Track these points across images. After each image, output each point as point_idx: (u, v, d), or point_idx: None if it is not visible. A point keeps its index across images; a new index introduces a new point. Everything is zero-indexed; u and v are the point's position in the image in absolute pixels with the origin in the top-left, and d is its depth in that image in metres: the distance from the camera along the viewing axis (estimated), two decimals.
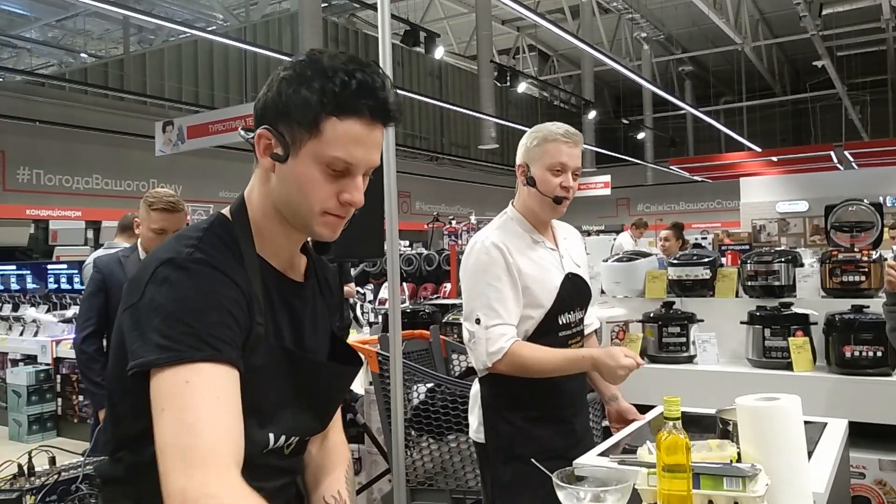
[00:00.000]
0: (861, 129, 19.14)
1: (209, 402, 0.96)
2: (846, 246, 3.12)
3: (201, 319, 1.00)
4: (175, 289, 1.02)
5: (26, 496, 2.12)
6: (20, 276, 7.76)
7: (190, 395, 0.95)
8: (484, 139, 15.06)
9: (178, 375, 0.96)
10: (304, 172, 1.10)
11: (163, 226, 3.01)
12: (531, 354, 1.99)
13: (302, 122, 1.07)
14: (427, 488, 3.07)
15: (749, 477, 1.33)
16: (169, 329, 0.98)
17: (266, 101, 1.10)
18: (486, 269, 2.02)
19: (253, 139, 1.12)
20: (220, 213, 1.16)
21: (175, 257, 1.04)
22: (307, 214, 1.12)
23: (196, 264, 1.04)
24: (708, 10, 12.33)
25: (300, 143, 1.08)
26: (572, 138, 2.07)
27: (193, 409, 0.94)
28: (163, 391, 0.96)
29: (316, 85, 1.06)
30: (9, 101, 11.27)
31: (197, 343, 0.98)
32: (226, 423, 0.96)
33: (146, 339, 0.99)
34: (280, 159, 1.09)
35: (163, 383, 0.96)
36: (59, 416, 6.39)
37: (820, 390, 2.81)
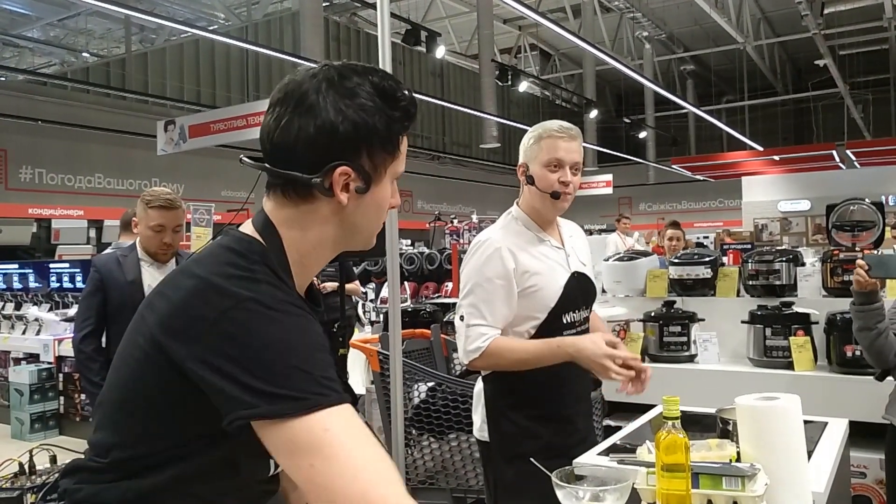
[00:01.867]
0: (863, 128, 19.10)
1: (359, 445, 0.92)
2: (848, 245, 3.12)
3: (312, 362, 0.95)
4: (272, 330, 0.94)
5: (27, 495, 2.12)
6: (22, 274, 7.76)
7: (337, 444, 0.90)
8: (485, 138, 15.04)
9: (314, 424, 0.90)
10: (383, 194, 1.08)
11: (161, 223, 3.01)
12: (509, 349, 1.99)
13: (385, 147, 1.05)
14: (428, 487, 3.07)
15: (748, 476, 1.33)
16: (284, 376, 0.92)
17: (326, 134, 1.00)
18: (480, 269, 2.03)
19: (318, 179, 1.01)
20: (255, 240, 1.04)
21: (258, 297, 0.95)
22: (375, 230, 1.12)
23: (281, 304, 0.96)
24: (710, 8, 12.31)
25: (384, 168, 1.06)
26: (567, 132, 2.06)
27: (348, 457, 0.90)
28: (301, 442, 0.90)
29: (396, 108, 1.04)
30: (11, 100, 11.29)
31: (318, 388, 0.93)
32: (381, 457, 0.93)
33: (250, 386, 0.91)
34: (363, 191, 1.04)
35: (299, 434, 0.90)
36: (62, 414, 6.40)
37: (821, 390, 2.81)
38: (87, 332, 3.07)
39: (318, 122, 1.00)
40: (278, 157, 1.03)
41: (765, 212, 14.32)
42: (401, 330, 2.62)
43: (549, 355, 1.97)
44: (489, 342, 1.97)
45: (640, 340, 3.24)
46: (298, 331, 0.96)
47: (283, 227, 1.06)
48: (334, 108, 1.01)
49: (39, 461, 2.25)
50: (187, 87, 13.15)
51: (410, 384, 3.07)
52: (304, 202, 1.05)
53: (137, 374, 1.01)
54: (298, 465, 0.91)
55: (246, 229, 1.07)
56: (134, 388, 1.02)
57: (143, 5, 12.16)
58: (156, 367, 0.98)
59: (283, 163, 1.03)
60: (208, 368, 0.93)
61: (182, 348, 0.95)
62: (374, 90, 1.04)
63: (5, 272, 7.93)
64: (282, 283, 1.01)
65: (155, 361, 0.98)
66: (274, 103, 1.05)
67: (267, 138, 1.05)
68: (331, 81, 1.03)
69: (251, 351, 0.92)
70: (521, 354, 1.99)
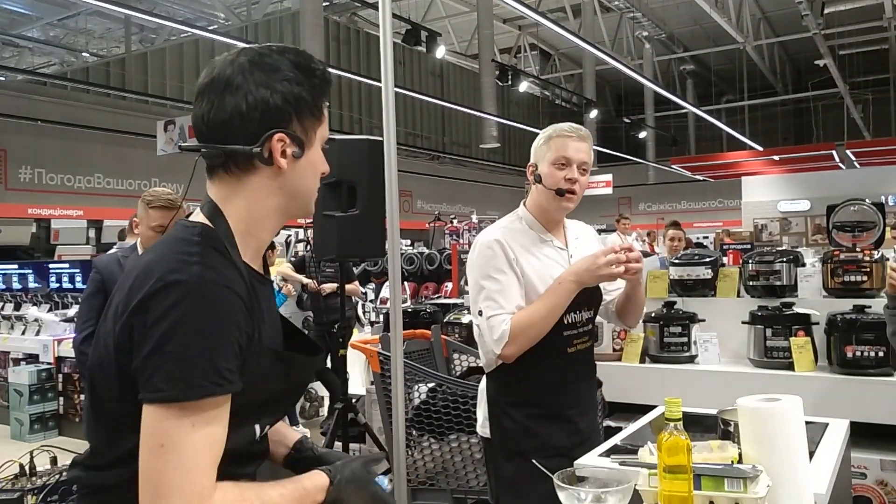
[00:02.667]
0: (863, 128, 19.10)
1: (204, 451, 1.00)
2: (848, 245, 3.11)
3: (218, 352, 1.01)
4: (192, 315, 1.00)
5: (28, 496, 2.12)
6: (22, 275, 7.76)
7: (191, 441, 0.99)
8: (485, 138, 15.04)
9: (185, 416, 0.98)
10: (316, 157, 1.19)
11: (161, 223, 3.01)
12: (526, 318, 2.00)
13: (312, 112, 1.16)
14: (428, 488, 3.07)
15: (750, 478, 1.33)
16: (190, 364, 0.99)
17: (258, 106, 1.10)
18: (486, 262, 2.06)
19: (257, 149, 1.10)
20: (202, 224, 1.12)
21: (188, 279, 1.02)
22: (313, 194, 1.21)
23: (208, 284, 1.03)
24: (710, 8, 12.31)
25: (313, 132, 1.17)
26: (577, 133, 2.10)
27: (196, 453, 0.99)
28: (166, 427, 0.98)
29: (314, 77, 1.16)
30: (10, 100, 11.28)
31: (217, 379, 1.00)
32: (209, 471, 1.01)
33: (163, 369, 0.99)
34: (299, 156, 1.14)
35: (168, 419, 0.98)
36: (61, 415, 6.40)
37: (821, 390, 2.81)
38: (89, 332, 3.06)
39: (250, 98, 1.10)
40: (216, 136, 1.12)
41: (764, 212, 14.33)
42: (402, 330, 2.61)
43: (560, 298, 1.99)
44: (509, 324, 1.99)
45: (640, 341, 3.24)
46: (215, 315, 1.02)
47: (228, 204, 1.15)
48: (262, 84, 1.11)
49: (40, 462, 2.25)
50: (187, 87, 13.15)
51: (411, 385, 3.07)
52: (246, 174, 1.13)
53: (120, 367, 1.05)
54: (152, 443, 1.00)
55: (195, 217, 1.16)
56: (119, 378, 1.06)
57: (142, 5, 12.16)
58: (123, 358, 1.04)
59: (222, 141, 1.11)
60: (138, 344, 1.01)
61: (123, 328, 1.03)
62: (293, 65, 1.14)
63: (5, 272, 7.92)
64: (225, 260, 1.08)
65: (122, 352, 1.04)
66: (201, 92, 1.14)
67: (202, 122, 1.13)
68: (253, 62, 1.12)
69: (168, 333, 0.99)
70: (542, 313, 2.00)
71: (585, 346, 2.15)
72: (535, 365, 2.05)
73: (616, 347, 3.29)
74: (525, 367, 2.06)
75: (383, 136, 2.54)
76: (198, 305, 1.01)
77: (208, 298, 1.02)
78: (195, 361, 0.99)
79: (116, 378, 1.04)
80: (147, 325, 1.00)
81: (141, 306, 1.02)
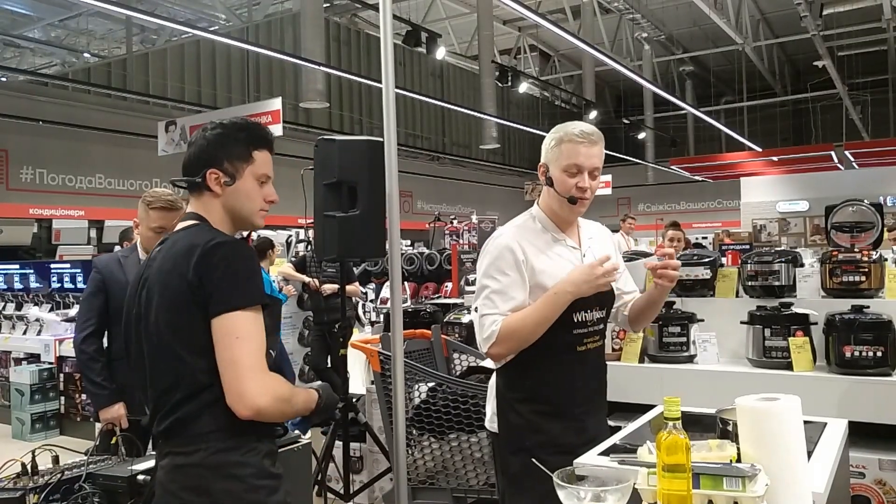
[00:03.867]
0: (861, 129, 19.11)
1: (260, 340, 1.62)
2: (846, 246, 3.12)
3: (258, 280, 1.66)
4: (239, 258, 1.64)
5: (29, 495, 2.12)
6: (23, 275, 7.77)
7: (254, 331, 1.61)
8: (485, 139, 15.06)
9: (248, 317, 1.60)
10: (247, 186, 1.78)
11: (162, 224, 3.01)
12: (517, 322, 2.02)
13: (242, 156, 1.77)
14: (428, 487, 3.08)
15: (749, 477, 1.34)
16: (249, 285, 1.63)
17: (200, 155, 1.76)
18: (491, 263, 2.09)
19: (200, 180, 1.75)
20: (205, 222, 1.75)
21: (226, 240, 1.66)
22: (252, 213, 1.80)
23: (238, 243, 1.70)
24: (709, 10, 12.32)
25: (242, 169, 1.77)
26: (588, 137, 2.10)
27: (255, 340, 1.60)
28: (240, 324, 1.59)
29: (242, 131, 1.79)
30: (12, 100, 11.28)
31: (260, 295, 1.66)
32: (263, 352, 1.63)
33: (233, 290, 1.60)
34: (230, 184, 1.76)
35: (242, 320, 1.59)
36: (62, 414, 6.41)
37: (820, 390, 2.82)
38: (89, 332, 3.08)
39: (197, 148, 1.78)
40: (185, 173, 1.79)
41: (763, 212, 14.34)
42: (402, 330, 2.63)
43: (553, 308, 2.01)
44: (499, 325, 2.01)
45: (639, 341, 3.25)
46: (253, 258, 1.71)
47: (204, 213, 1.77)
48: (206, 140, 1.78)
49: (42, 461, 2.25)
50: (188, 87, 13.15)
51: (411, 384, 3.08)
52: (202, 196, 1.78)
53: (180, 307, 1.64)
54: (229, 338, 1.60)
55: (189, 220, 1.77)
56: (190, 327, 1.63)
57: (144, 6, 12.17)
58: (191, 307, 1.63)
59: (187, 176, 1.78)
60: (207, 279, 1.61)
61: (189, 279, 1.61)
62: (231, 125, 1.79)
63: (6, 272, 7.93)
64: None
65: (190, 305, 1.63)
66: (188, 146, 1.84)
67: (183, 165, 1.80)
68: (208, 129, 1.79)
69: (231, 269, 1.62)
70: (531, 320, 2.01)
71: (596, 345, 2.16)
72: (543, 362, 2.07)
73: (615, 347, 3.30)
74: (533, 364, 2.08)
75: (384, 136, 2.55)
76: (241, 252, 1.66)
77: (244, 249, 1.68)
78: (250, 284, 1.63)
79: (188, 312, 1.60)
80: (212, 268, 1.59)
81: (202, 261, 1.60)
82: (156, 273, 1.68)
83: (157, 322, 1.65)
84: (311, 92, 10.12)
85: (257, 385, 1.56)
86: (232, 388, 1.56)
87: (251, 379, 1.56)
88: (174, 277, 1.62)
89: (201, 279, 1.59)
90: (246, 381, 1.56)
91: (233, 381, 1.56)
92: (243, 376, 1.56)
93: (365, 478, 3.86)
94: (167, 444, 1.66)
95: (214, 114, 9.37)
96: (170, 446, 1.65)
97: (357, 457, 3.95)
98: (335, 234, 3.16)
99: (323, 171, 3.19)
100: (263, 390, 1.57)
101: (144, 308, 1.69)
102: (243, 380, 1.56)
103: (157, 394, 1.67)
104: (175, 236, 1.73)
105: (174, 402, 1.63)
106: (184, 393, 1.62)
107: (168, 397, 1.64)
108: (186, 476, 1.61)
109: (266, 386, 1.58)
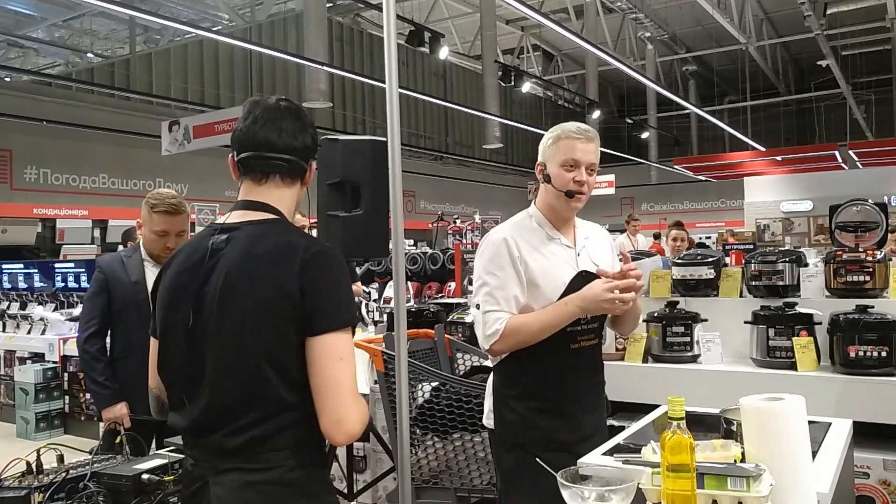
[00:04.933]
0: (865, 129, 19.07)
1: (355, 361, 1.53)
2: (851, 246, 3.12)
3: (353, 296, 1.60)
4: (341, 272, 1.54)
5: (34, 494, 2.13)
6: (27, 274, 7.79)
7: (353, 353, 1.52)
8: (488, 139, 15.04)
9: (348, 338, 1.51)
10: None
11: (165, 228, 2.99)
12: (524, 323, 2.05)
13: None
14: (432, 486, 3.08)
15: (753, 477, 1.34)
16: (349, 303, 1.55)
17: (310, 143, 1.65)
18: (489, 259, 2.12)
19: (307, 165, 1.66)
20: (281, 216, 1.62)
21: (325, 249, 1.55)
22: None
23: (336, 252, 1.58)
24: (712, 9, 12.31)
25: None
26: (585, 134, 2.13)
27: (354, 363, 1.51)
28: (341, 345, 1.49)
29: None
30: (16, 100, 11.31)
31: (356, 314, 1.60)
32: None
33: (337, 306, 1.50)
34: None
35: (343, 340, 1.49)
36: (67, 413, 6.42)
37: (824, 390, 2.81)
38: (92, 332, 3.07)
39: (304, 134, 1.66)
40: (279, 152, 1.66)
41: (767, 212, 14.32)
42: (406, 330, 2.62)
43: (559, 318, 2.04)
44: (505, 323, 2.04)
45: (643, 341, 3.24)
46: (347, 272, 1.60)
47: (286, 209, 1.66)
48: (313, 129, 1.69)
49: (46, 460, 2.26)
50: (191, 87, 13.17)
51: (414, 384, 3.08)
52: (282, 183, 1.66)
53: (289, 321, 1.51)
54: (332, 359, 1.49)
55: (259, 211, 1.62)
56: (286, 332, 1.51)
57: (147, 6, 12.19)
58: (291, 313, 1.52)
59: (282, 155, 1.66)
60: (312, 290, 1.50)
61: (289, 289, 1.49)
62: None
63: (11, 272, 7.95)
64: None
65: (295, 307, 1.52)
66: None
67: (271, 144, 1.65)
68: (301, 113, 1.71)
69: (336, 282, 1.55)
70: (537, 324, 2.05)
71: (591, 343, 2.17)
72: (537, 359, 2.09)
73: (619, 347, 3.30)
74: (528, 361, 2.10)
75: (387, 136, 2.55)
76: (343, 265, 1.56)
77: (343, 260, 1.58)
78: (351, 302, 1.56)
79: (283, 326, 1.47)
80: (317, 281, 1.49)
81: (306, 271, 1.48)
82: (237, 273, 1.50)
83: (237, 329, 1.49)
84: (314, 92, 10.12)
85: (357, 412, 1.49)
86: (332, 412, 1.47)
87: (352, 405, 1.48)
88: (266, 284, 1.48)
89: (304, 292, 1.47)
90: (347, 407, 1.47)
91: (332, 404, 1.47)
92: (344, 400, 1.47)
93: (368, 477, 3.86)
94: (231, 459, 1.51)
95: (218, 114, 9.36)
96: (236, 462, 1.51)
97: (360, 456, 3.95)
98: (338, 233, 3.16)
99: (326, 171, 3.18)
100: (361, 417, 1.50)
101: (217, 310, 1.51)
102: (344, 405, 1.47)
103: (220, 406, 1.52)
104: (251, 230, 1.55)
105: (250, 421, 1.49)
106: (263, 412, 1.49)
107: (238, 412, 1.50)
108: (261, 494, 1.50)
109: (363, 413, 1.51)
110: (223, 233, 1.57)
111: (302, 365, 1.48)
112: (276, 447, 1.49)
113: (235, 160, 1.63)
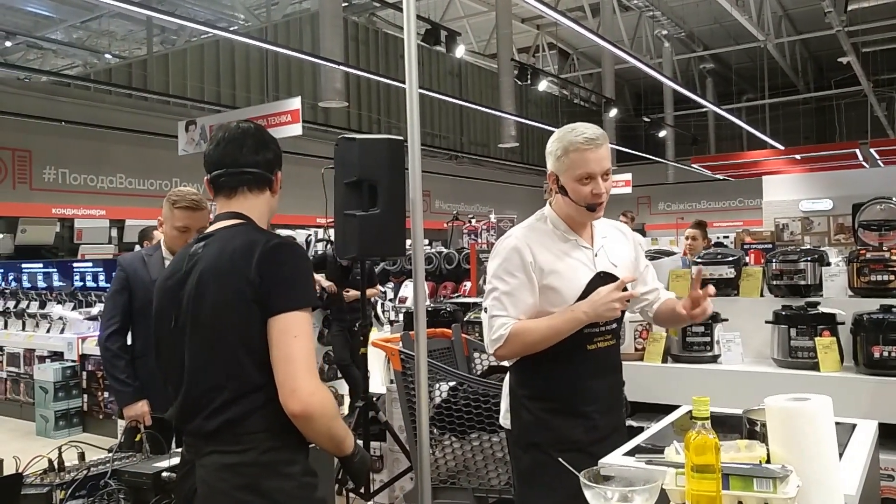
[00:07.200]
0: (886, 127, 18.83)
1: (312, 340, 1.68)
2: (874, 245, 3.08)
3: (314, 281, 1.77)
4: (299, 260, 1.70)
5: (56, 491, 2.14)
6: (46, 273, 7.87)
7: (309, 332, 1.66)
8: (504, 138, 15.01)
9: (306, 317, 1.65)
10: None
11: (186, 224, 3.02)
12: (528, 329, 2.03)
13: (281, 165, 1.90)
14: (450, 486, 3.07)
15: (780, 478, 1.31)
16: (307, 286, 1.71)
17: (273, 155, 1.85)
18: (500, 264, 2.10)
19: (272, 176, 1.85)
20: (250, 221, 1.79)
21: (284, 241, 1.71)
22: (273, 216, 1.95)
23: (296, 243, 1.77)
24: (730, 6, 12.19)
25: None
26: (593, 142, 2.05)
27: (310, 341, 1.66)
28: (297, 324, 1.63)
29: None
30: (35, 101, 11.43)
31: (315, 296, 1.74)
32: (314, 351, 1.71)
33: (294, 289, 1.65)
34: (278, 188, 1.89)
35: (299, 319, 1.63)
36: (85, 412, 6.48)
37: (847, 391, 2.77)
38: (113, 329, 3.09)
39: (266, 147, 1.86)
40: (244, 166, 1.84)
41: (786, 211, 14.15)
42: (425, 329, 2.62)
43: (566, 325, 2.01)
44: (509, 329, 2.02)
45: (662, 340, 3.22)
46: (307, 260, 1.78)
47: (257, 215, 1.83)
48: (272, 141, 1.90)
49: (68, 458, 2.28)
50: (208, 87, 13.25)
51: (432, 383, 3.07)
52: (250, 194, 1.84)
53: (237, 306, 1.66)
54: (287, 336, 1.63)
55: (231, 219, 1.79)
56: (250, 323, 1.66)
57: (164, 7, 12.27)
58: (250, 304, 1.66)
59: (249, 169, 1.87)
60: (270, 280, 1.66)
61: (250, 277, 1.64)
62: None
63: (30, 271, 8.04)
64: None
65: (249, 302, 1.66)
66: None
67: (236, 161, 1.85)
68: (257, 130, 1.91)
69: (295, 270, 1.69)
70: (541, 331, 2.03)
71: (608, 344, 2.15)
72: (553, 360, 2.07)
73: (638, 347, 3.28)
74: (544, 362, 2.08)
75: (404, 135, 2.54)
76: (300, 253, 1.74)
77: (302, 251, 1.76)
78: (307, 285, 1.72)
79: (247, 310, 1.62)
80: (274, 267, 1.64)
81: (264, 259, 1.64)
82: (209, 271, 1.68)
83: (211, 320, 1.65)
84: (330, 91, 10.14)
85: (311, 383, 1.60)
86: (286, 383, 1.59)
87: (305, 376, 1.59)
88: (233, 276, 1.64)
89: (262, 278, 1.62)
90: (301, 378, 1.59)
91: (287, 376, 1.59)
92: (298, 372, 1.59)
93: (385, 477, 3.86)
94: (212, 442, 1.65)
95: (234, 113, 9.43)
96: (216, 445, 1.64)
97: (377, 456, 3.95)
98: (355, 232, 3.16)
99: (343, 170, 3.18)
100: (316, 389, 1.60)
101: (192, 306, 1.68)
102: (298, 376, 1.59)
103: (198, 392, 1.66)
104: (224, 234, 1.74)
105: (223, 402, 1.63)
106: (234, 393, 1.63)
107: (213, 396, 1.64)
108: (238, 474, 1.61)
109: (319, 387, 1.62)
110: (201, 241, 1.77)
111: (267, 346, 1.62)
112: (251, 429, 1.62)
113: (208, 180, 1.84)
